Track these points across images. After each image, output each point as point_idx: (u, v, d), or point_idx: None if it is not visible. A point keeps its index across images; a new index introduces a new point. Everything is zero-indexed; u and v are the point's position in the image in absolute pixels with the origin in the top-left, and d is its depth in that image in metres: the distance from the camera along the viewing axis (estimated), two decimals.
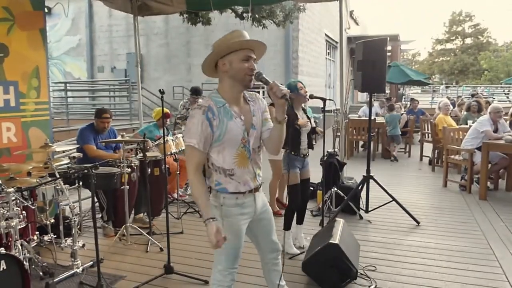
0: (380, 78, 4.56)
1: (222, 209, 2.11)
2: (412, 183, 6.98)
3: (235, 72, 2.04)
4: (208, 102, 2.06)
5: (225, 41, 2.03)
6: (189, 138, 2.02)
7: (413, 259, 3.79)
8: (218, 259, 2.20)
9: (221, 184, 2.11)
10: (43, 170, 3.97)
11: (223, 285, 2.21)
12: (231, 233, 2.10)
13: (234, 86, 2.09)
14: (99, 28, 16.17)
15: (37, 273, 3.34)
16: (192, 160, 2.03)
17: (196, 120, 2.01)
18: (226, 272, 2.19)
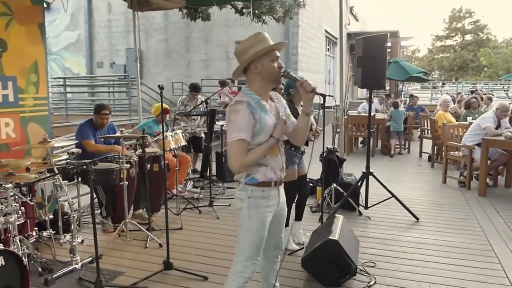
0: (380, 74, 4.55)
1: (249, 201, 2.20)
2: (412, 179, 6.98)
3: (267, 73, 2.17)
4: (246, 98, 2.15)
5: (253, 45, 2.15)
6: (238, 132, 2.08)
7: (412, 255, 3.79)
8: (241, 250, 2.26)
9: (250, 174, 2.20)
10: (42, 166, 3.96)
11: (243, 276, 2.25)
12: (257, 224, 2.21)
13: (265, 85, 2.22)
14: (98, 23, 16.11)
15: (36, 269, 3.34)
16: (241, 154, 2.10)
17: (242, 114, 2.09)
18: (248, 262, 2.25)
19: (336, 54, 18.92)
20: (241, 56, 2.19)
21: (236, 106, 2.11)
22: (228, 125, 2.13)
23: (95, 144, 4.62)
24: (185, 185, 6.12)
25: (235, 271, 2.27)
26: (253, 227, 2.20)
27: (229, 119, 2.13)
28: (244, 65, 2.20)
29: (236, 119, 2.09)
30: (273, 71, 2.18)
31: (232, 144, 2.10)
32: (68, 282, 3.25)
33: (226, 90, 8.82)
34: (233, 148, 2.10)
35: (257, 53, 2.13)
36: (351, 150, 9.73)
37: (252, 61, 2.17)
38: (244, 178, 2.22)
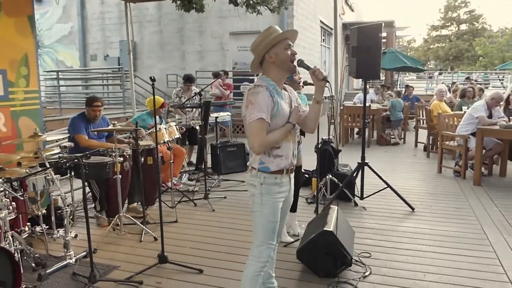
0: (374, 64, 4.51)
1: (262, 187, 2.28)
2: (407, 169, 6.98)
3: (281, 61, 2.27)
4: (264, 83, 2.26)
5: (265, 38, 2.26)
6: (258, 112, 2.16)
7: (408, 245, 3.80)
8: (256, 235, 2.35)
9: (264, 163, 2.29)
10: (34, 160, 3.91)
11: (260, 261, 2.34)
12: (269, 209, 2.30)
13: (281, 73, 2.32)
14: (91, 15, 15.90)
15: (29, 264, 3.31)
16: (261, 134, 2.17)
17: (262, 95, 2.18)
18: (263, 247, 2.33)
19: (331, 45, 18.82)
20: (256, 50, 2.29)
21: (256, 89, 2.21)
22: (248, 107, 2.19)
23: (88, 139, 4.56)
24: (180, 178, 6.09)
25: (252, 256, 2.37)
26: (266, 212, 2.29)
27: (249, 101, 2.20)
28: (260, 57, 2.30)
29: (257, 100, 2.17)
30: (287, 58, 2.27)
31: (252, 123, 2.17)
32: (62, 277, 3.22)
33: (218, 82, 8.75)
34: (253, 128, 2.17)
35: (269, 42, 2.24)
36: (346, 141, 9.73)
37: (266, 52, 2.27)
38: (258, 165, 2.29)
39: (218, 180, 6.04)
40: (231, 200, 5.26)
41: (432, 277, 3.19)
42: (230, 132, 9.11)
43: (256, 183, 2.30)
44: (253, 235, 2.39)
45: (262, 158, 2.29)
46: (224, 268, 3.38)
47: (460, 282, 3.09)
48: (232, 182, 6.05)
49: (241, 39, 13.51)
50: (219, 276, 3.25)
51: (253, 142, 2.19)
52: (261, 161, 2.29)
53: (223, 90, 8.78)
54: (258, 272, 2.35)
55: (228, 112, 7.78)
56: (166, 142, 4.91)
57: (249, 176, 2.36)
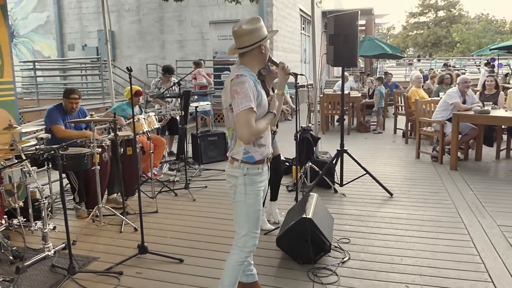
0: (351, 52, 4.55)
1: (246, 178, 2.30)
2: (386, 155, 7.09)
3: (264, 56, 2.37)
4: (246, 72, 2.27)
5: (260, 29, 2.30)
6: (247, 102, 2.16)
7: (386, 230, 3.88)
8: (239, 225, 2.38)
9: (249, 153, 2.31)
10: (9, 153, 3.83)
11: (244, 251, 2.38)
12: (253, 198, 2.33)
13: (259, 65, 2.43)
14: (67, 4, 15.51)
15: (7, 258, 3.28)
16: (250, 122, 2.17)
17: (248, 85, 2.19)
18: (248, 236, 2.36)
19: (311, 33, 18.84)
20: (247, 36, 2.28)
21: (240, 78, 2.21)
22: (235, 97, 2.18)
23: (65, 130, 4.50)
24: (161, 168, 6.06)
25: (236, 246, 2.39)
26: (250, 201, 2.32)
27: (234, 91, 2.19)
28: (249, 43, 2.29)
29: (243, 90, 2.18)
30: (267, 55, 2.39)
31: (242, 113, 2.16)
32: (41, 269, 3.20)
33: (202, 71, 8.69)
34: (243, 118, 2.16)
35: (264, 35, 2.32)
36: (327, 129, 9.80)
37: (258, 42, 2.30)
38: (242, 155, 2.30)
39: (199, 170, 6.04)
40: (212, 190, 5.27)
41: (409, 260, 3.27)
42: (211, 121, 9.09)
43: (239, 174, 2.31)
44: (237, 225, 2.40)
45: (247, 147, 2.30)
46: (205, 257, 3.39)
47: (436, 265, 3.18)
48: (213, 171, 6.06)
49: (221, 28, 13.40)
50: (199, 265, 3.27)
51: (243, 132, 2.17)
52: (246, 151, 2.30)
53: (209, 79, 8.72)
54: (241, 261, 2.38)
55: (209, 102, 7.74)
56: (145, 132, 4.88)
57: (229, 167, 2.36)
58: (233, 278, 2.39)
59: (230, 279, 2.39)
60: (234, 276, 2.39)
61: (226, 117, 2.36)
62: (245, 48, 2.30)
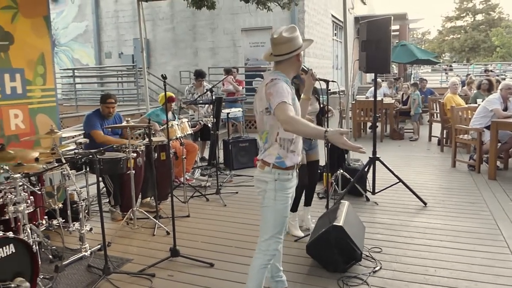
0: (384, 58, 4.49)
1: (276, 183, 2.33)
2: (420, 164, 6.93)
3: (301, 63, 2.46)
4: (280, 76, 2.34)
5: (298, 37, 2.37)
6: (280, 97, 2.21)
7: (419, 240, 3.79)
8: (265, 229, 2.41)
9: (281, 158, 2.34)
10: (51, 156, 4.01)
11: (267, 254, 2.40)
12: (282, 204, 2.36)
13: (294, 73, 2.48)
14: (105, 14, 16.08)
15: (47, 256, 3.42)
16: (288, 110, 2.18)
17: (281, 84, 2.26)
18: (271, 240, 2.39)
19: (343, 39, 18.69)
20: (286, 44, 2.33)
21: (274, 81, 2.29)
22: (270, 98, 2.24)
23: (104, 135, 4.65)
24: (193, 173, 6.16)
25: (259, 249, 2.43)
26: (279, 207, 2.35)
27: (269, 94, 2.25)
28: (287, 50, 2.33)
29: (276, 89, 2.24)
30: (300, 63, 2.47)
31: (278, 106, 2.20)
32: (78, 268, 3.32)
33: (230, 78, 8.79)
34: (280, 109, 2.19)
35: (300, 43, 2.37)
36: (359, 136, 9.68)
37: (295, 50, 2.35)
38: (275, 159, 2.33)
39: (230, 176, 6.10)
40: (243, 195, 5.31)
41: (443, 272, 3.18)
42: (242, 127, 9.16)
43: (269, 179, 2.33)
44: (262, 229, 2.43)
45: (280, 152, 2.33)
46: (235, 262, 3.43)
47: (473, 278, 3.08)
48: (244, 177, 6.10)
49: (253, 35, 13.52)
50: (229, 270, 3.30)
51: (283, 118, 2.16)
52: (278, 156, 2.33)
53: (236, 86, 8.81)
54: (264, 265, 2.41)
55: (240, 108, 7.81)
56: (178, 138, 4.98)
57: (260, 172, 2.39)
58: (257, 281, 2.42)
59: (254, 283, 2.42)
60: (259, 279, 2.42)
61: (260, 121, 2.38)
62: (283, 55, 2.35)
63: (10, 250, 2.56)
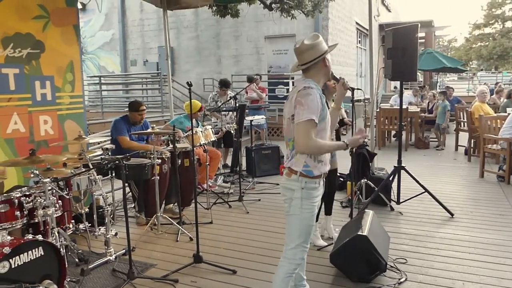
0: (411, 65, 4.43)
1: (303, 192, 2.31)
2: (447, 173, 6.77)
3: (329, 68, 2.41)
4: (313, 85, 2.31)
5: (321, 43, 2.37)
6: (309, 114, 2.20)
7: (446, 252, 3.70)
8: (291, 238, 2.39)
9: (309, 167, 2.32)
10: (78, 161, 4.11)
11: (292, 263, 2.39)
12: (308, 213, 2.34)
13: (324, 79, 2.45)
14: (131, 22, 16.44)
15: (73, 260, 3.49)
16: (309, 133, 2.21)
17: (313, 97, 2.23)
18: (297, 249, 2.38)
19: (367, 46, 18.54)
20: (310, 51, 2.33)
21: (307, 90, 2.25)
22: (299, 108, 2.23)
23: (130, 141, 4.73)
24: (216, 180, 6.20)
25: (285, 258, 2.41)
26: (305, 216, 2.33)
27: (298, 102, 2.24)
28: (311, 58, 2.34)
29: (307, 102, 2.21)
30: (329, 69, 2.42)
31: (301, 124, 2.20)
32: (103, 272, 3.37)
33: (253, 85, 8.83)
34: (301, 128, 2.21)
35: (325, 48, 2.36)
36: (383, 144, 9.55)
37: (320, 56, 2.35)
38: (302, 167, 2.31)
39: (253, 183, 6.11)
40: (265, 203, 5.30)
41: (472, 286, 3.09)
42: (265, 135, 9.18)
43: (296, 187, 2.32)
44: (288, 237, 2.41)
45: (308, 161, 2.32)
46: (258, 269, 3.42)
47: None
48: (266, 185, 6.09)
49: (276, 43, 13.57)
50: (252, 277, 3.29)
51: (300, 142, 2.22)
52: (306, 164, 2.31)
53: (259, 93, 8.85)
54: (290, 273, 2.39)
55: (263, 115, 7.83)
56: (202, 144, 5.02)
57: (286, 180, 2.37)
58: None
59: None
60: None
61: (287, 128, 2.38)
62: (308, 63, 2.34)
63: (39, 253, 2.63)
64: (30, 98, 4.25)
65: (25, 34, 4.18)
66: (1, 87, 4.00)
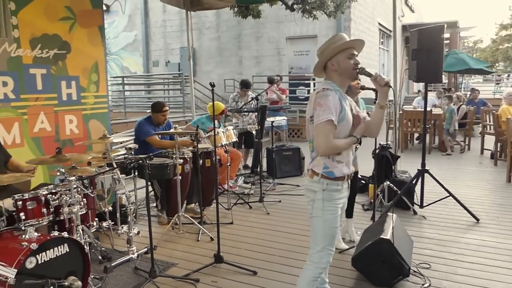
0: (436, 67, 4.34)
1: (324, 193, 2.30)
2: (472, 178, 6.61)
3: (343, 69, 2.32)
4: (331, 87, 2.29)
5: (330, 45, 2.33)
6: (328, 114, 2.19)
7: (471, 258, 3.61)
8: (316, 240, 2.37)
9: (329, 168, 2.30)
10: (102, 160, 4.18)
11: (318, 267, 2.37)
12: (330, 215, 2.31)
13: (343, 80, 2.36)
14: (154, 23, 16.65)
15: (96, 257, 3.55)
16: (329, 135, 2.20)
17: (331, 98, 2.22)
18: (323, 252, 2.35)
19: (390, 48, 18.29)
20: (321, 55, 2.35)
21: (325, 92, 2.24)
22: (316, 109, 2.22)
23: (160, 140, 4.78)
24: (236, 181, 6.21)
25: (310, 261, 2.39)
26: (327, 217, 2.31)
27: (317, 103, 2.23)
28: (322, 63, 2.36)
29: (326, 103, 2.20)
30: (348, 67, 2.31)
31: (320, 125, 2.20)
32: (125, 270, 3.42)
33: (274, 87, 8.82)
34: (320, 129, 2.20)
35: (333, 50, 2.30)
36: (406, 147, 9.40)
37: (329, 59, 2.32)
38: (322, 169, 2.30)
39: (273, 184, 6.09)
40: (286, 204, 5.28)
41: None
42: (285, 136, 9.14)
43: (318, 189, 2.31)
44: (313, 240, 2.39)
45: (326, 162, 2.30)
46: (278, 271, 3.40)
47: None
48: (287, 186, 6.07)
49: (297, 44, 13.53)
50: (273, 279, 3.28)
51: (319, 143, 2.21)
52: (325, 166, 2.30)
53: (279, 94, 8.83)
54: (315, 277, 2.36)
55: (284, 117, 7.81)
56: (223, 145, 5.04)
57: (309, 181, 2.36)
58: None
59: None
60: None
61: (308, 129, 2.37)
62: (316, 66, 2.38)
63: (64, 250, 2.68)
64: (56, 98, 4.35)
65: (52, 35, 4.28)
66: (29, 87, 4.10)
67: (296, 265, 3.41)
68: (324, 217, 2.31)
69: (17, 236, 2.67)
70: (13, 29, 3.94)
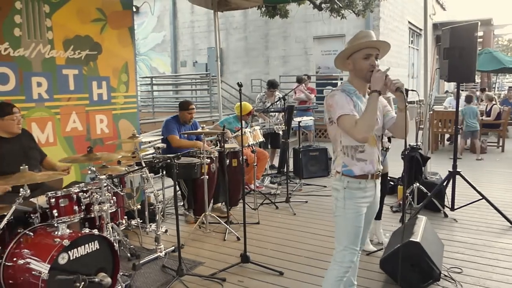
0: (469, 66, 4.21)
1: (345, 191, 2.28)
2: (506, 180, 6.38)
3: (357, 70, 2.27)
4: (342, 87, 2.30)
5: (351, 42, 2.29)
6: (342, 110, 2.17)
7: (506, 264, 3.48)
8: (339, 239, 2.35)
9: (347, 166, 2.29)
10: (131, 159, 4.26)
11: (342, 266, 2.34)
12: (352, 214, 2.28)
13: (359, 80, 2.31)
14: (182, 24, 16.85)
15: (125, 254, 3.62)
16: (352, 122, 2.14)
17: (338, 96, 2.22)
18: (346, 251, 2.31)
19: (420, 47, 17.86)
20: (343, 52, 2.32)
21: (332, 92, 2.27)
22: (330, 110, 2.22)
23: (179, 139, 4.86)
24: (263, 181, 6.21)
25: (334, 260, 2.36)
26: (349, 216, 2.28)
27: (329, 105, 2.24)
28: (343, 59, 2.32)
29: (334, 101, 2.21)
30: (363, 69, 2.24)
31: (340, 119, 2.18)
32: (153, 268, 3.47)
33: (302, 86, 8.76)
34: (343, 122, 2.17)
35: (351, 49, 2.25)
36: (436, 148, 9.17)
37: (347, 57, 2.29)
38: (341, 168, 2.29)
39: (300, 184, 6.06)
40: (312, 205, 5.24)
41: None
42: (312, 136, 9.08)
43: (339, 187, 2.29)
44: (336, 239, 2.37)
45: (345, 161, 2.28)
46: (304, 272, 3.38)
47: None
48: (313, 187, 6.02)
49: (325, 43, 13.40)
50: (299, 279, 3.26)
51: (353, 134, 2.15)
52: (344, 164, 2.29)
53: (308, 94, 8.77)
54: (340, 277, 2.33)
55: (311, 117, 7.75)
56: (250, 145, 5.05)
57: (333, 180, 2.37)
58: None
59: None
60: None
61: (329, 131, 2.37)
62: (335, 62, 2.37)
63: (95, 247, 2.73)
64: (87, 98, 4.46)
65: (84, 37, 4.39)
66: (62, 87, 4.22)
67: (322, 266, 3.38)
68: (345, 216, 2.29)
69: (50, 233, 2.74)
70: (47, 31, 4.07)
